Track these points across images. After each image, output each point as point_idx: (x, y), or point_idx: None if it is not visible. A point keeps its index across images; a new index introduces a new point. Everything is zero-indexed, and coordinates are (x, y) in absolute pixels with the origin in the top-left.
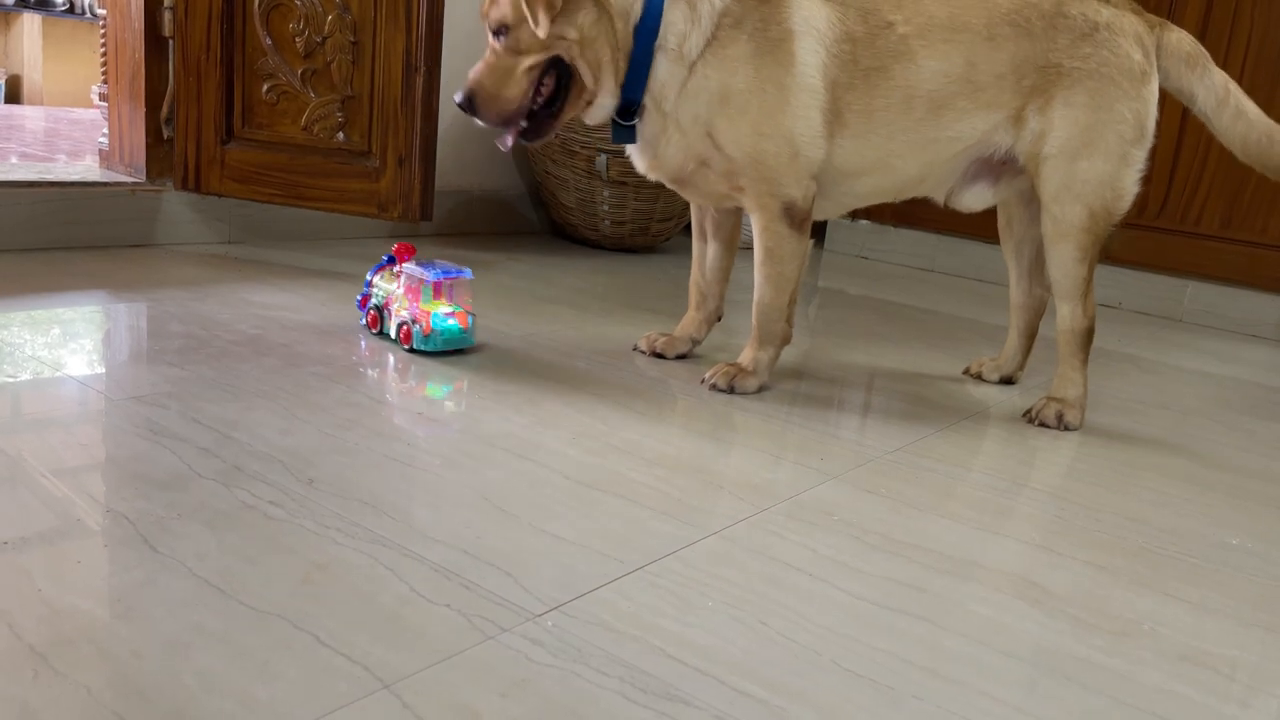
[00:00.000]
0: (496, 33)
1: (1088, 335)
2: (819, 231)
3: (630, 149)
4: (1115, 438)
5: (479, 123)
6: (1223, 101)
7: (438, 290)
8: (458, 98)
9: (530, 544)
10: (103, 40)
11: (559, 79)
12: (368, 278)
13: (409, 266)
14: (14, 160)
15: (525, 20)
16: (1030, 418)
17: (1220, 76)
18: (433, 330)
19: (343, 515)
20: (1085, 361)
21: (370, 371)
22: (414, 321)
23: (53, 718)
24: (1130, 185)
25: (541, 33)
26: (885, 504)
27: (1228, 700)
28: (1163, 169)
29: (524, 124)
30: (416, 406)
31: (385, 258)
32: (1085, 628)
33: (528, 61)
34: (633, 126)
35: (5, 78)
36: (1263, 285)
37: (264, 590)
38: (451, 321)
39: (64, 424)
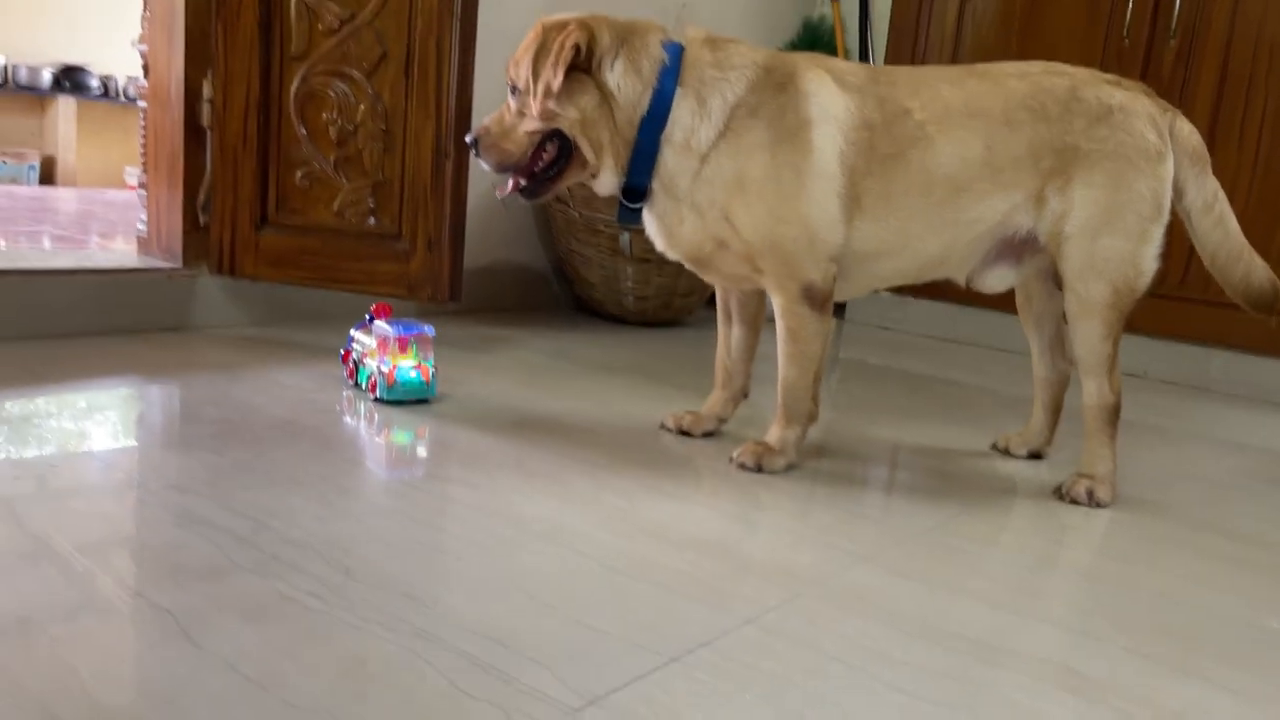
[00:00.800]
0: (511, 88)
1: (1115, 411)
2: (840, 304)
3: (649, 227)
4: (1146, 513)
5: (484, 166)
6: (1209, 207)
7: (402, 345)
8: (468, 137)
9: (565, 634)
10: (143, 130)
11: (561, 147)
12: (350, 333)
13: (378, 324)
14: (46, 243)
15: (531, 87)
16: (1061, 494)
17: (1213, 183)
18: (395, 382)
19: (380, 606)
20: (1114, 437)
21: (402, 455)
22: (380, 374)
23: None
24: (1150, 261)
25: (535, 111)
26: (919, 587)
27: None
28: (1183, 239)
29: (524, 182)
30: (448, 491)
31: (367, 316)
32: (1127, 718)
33: (530, 126)
34: (638, 210)
35: (40, 159)
36: None
37: (304, 686)
38: (413, 374)
39: (104, 513)
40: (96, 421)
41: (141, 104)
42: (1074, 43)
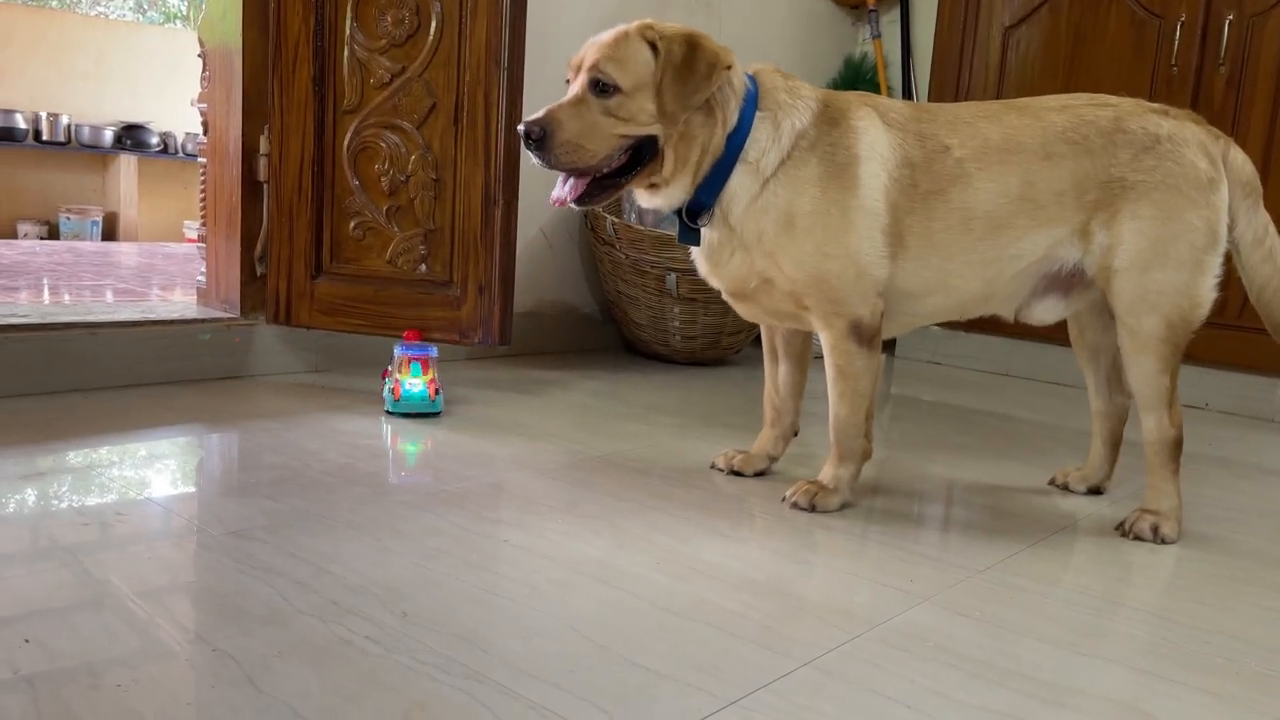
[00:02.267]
0: (599, 87)
1: (1177, 445)
2: (889, 340)
3: (694, 254)
4: (1215, 549)
5: (533, 160)
6: (1259, 240)
7: (407, 364)
8: (522, 127)
9: (620, 676)
10: (202, 185)
11: (637, 153)
12: (393, 353)
13: (397, 347)
14: (109, 296)
15: (641, 92)
16: (1124, 531)
17: (1265, 216)
18: (401, 396)
19: (437, 650)
20: (1176, 471)
21: (455, 499)
22: (390, 390)
23: None
24: (1207, 292)
25: (667, 124)
26: (979, 627)
27: None
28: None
29: (584, 186)
30: (502, 534)
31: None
32: None
33: (624, 129)
34: (698, 230)
35: (102, 215)
36: None
37: None
38: (418, 389)
39: (166, 559)
40: (158, 469)
41: (201, 160)
42: (1121, 73)
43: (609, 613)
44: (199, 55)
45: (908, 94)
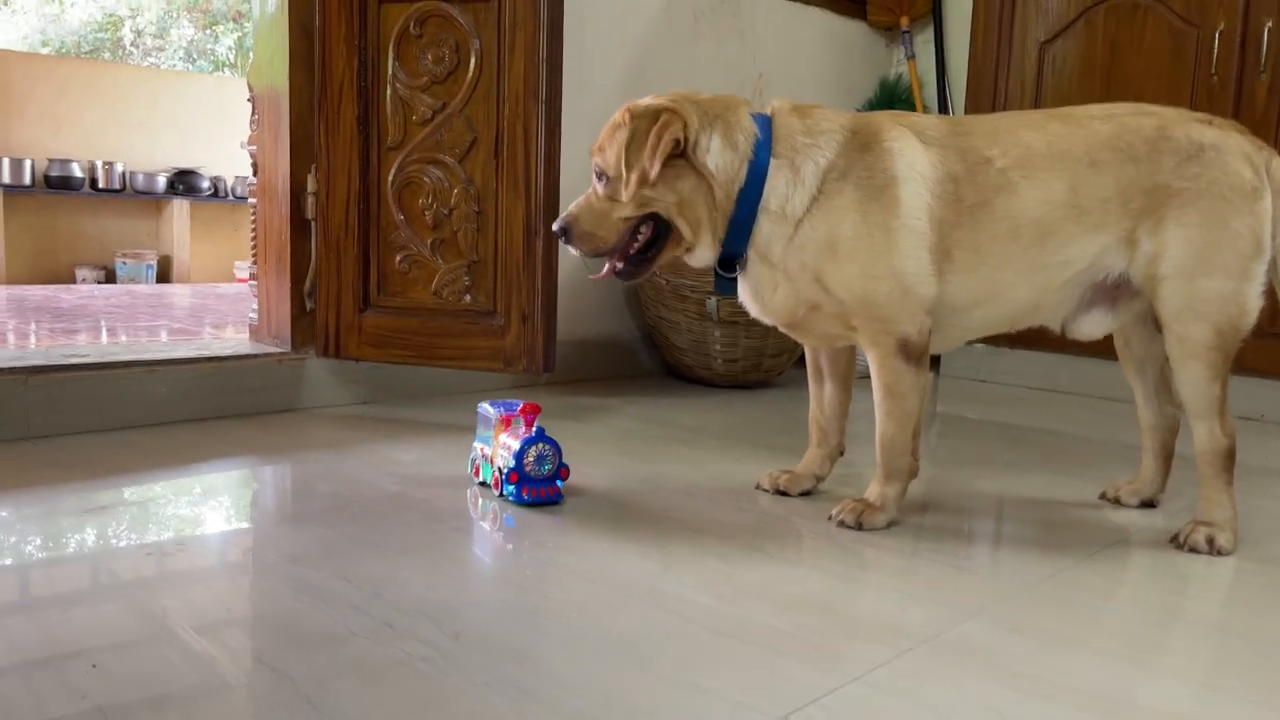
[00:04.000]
0: (598, 176)
1: (1229, 455)
2: (935, 358)
3: (742, 295)
4: (1275, 562)
5: (573, 252)
6: None
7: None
8: (555, 226)
9: (671, 695)
10: (253, 224)
11: (656, 227)
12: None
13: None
14: (164, 336)
15: (622, 176)
16: (1179, 543)
17: None
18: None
19: (489, 668)
20: (1230, 482)
21: (504, 525)
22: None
23: None
24: (1254, 300)
25: (626, 198)
26: (1032, 642)
27: None
28: None
29: (620, 265)
30: (549, 556)
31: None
32: None
33: (624, 213)
34: (734, 279)
35: (157, 259)
36: None
37: None
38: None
39: (225, 587)
40: (215, 501)
41: (251, 200)
42: (1160, 83)
43: (657, 633)
44: (248, 100)
45: (944, 113)
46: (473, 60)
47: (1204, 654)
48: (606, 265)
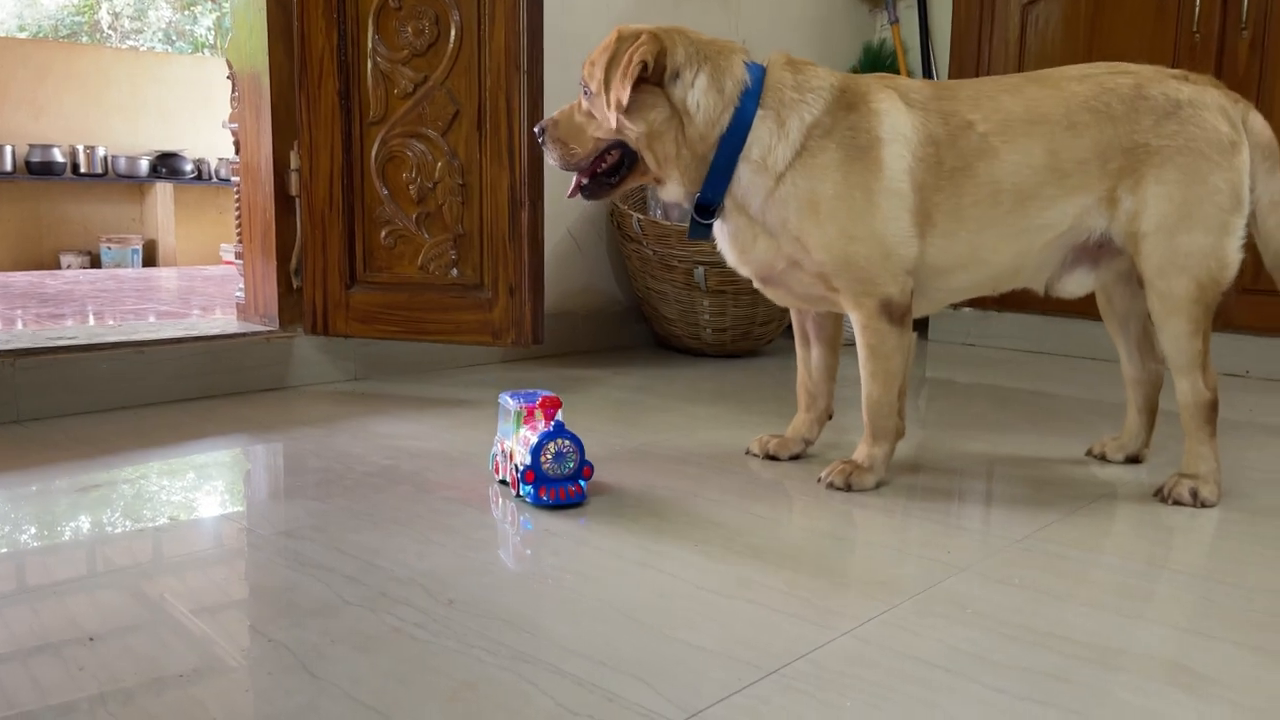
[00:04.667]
0: (584, 89)
1: (1212, 408)
2: (922, 323)
3: (720, 243)
4: (1258, 512)
5: (549, 160)
6: (1276, 204)
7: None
8: (536, 127)
9: (665, 652)
10: (237, 203)
11: (624, 155)
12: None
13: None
14: (152, 318)
15: (601, 94)
16: (1163, 496)
17: None
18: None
19: (483, 633)
20: (1213, 434)
21: (496, 494)
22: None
23: None
24: (1234, 254)
25: (612, 123)
26: (1019, 594)
27: None
28: None
29: (585, 181)
30: (543, 524)
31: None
32: (1246, 712)
33: (597, 132)
34: (709, 225)
35: (142, 243)
36: None
37: (417, 710)
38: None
39: (222, 560)
40: (208, 479)
41: (235, 179)
42: (1143, 41)
43: (651, 594)
44: (228, 77)
45: (928, 77)
46: (453, 32)
47: (1188, 602)
48: (573, 182)
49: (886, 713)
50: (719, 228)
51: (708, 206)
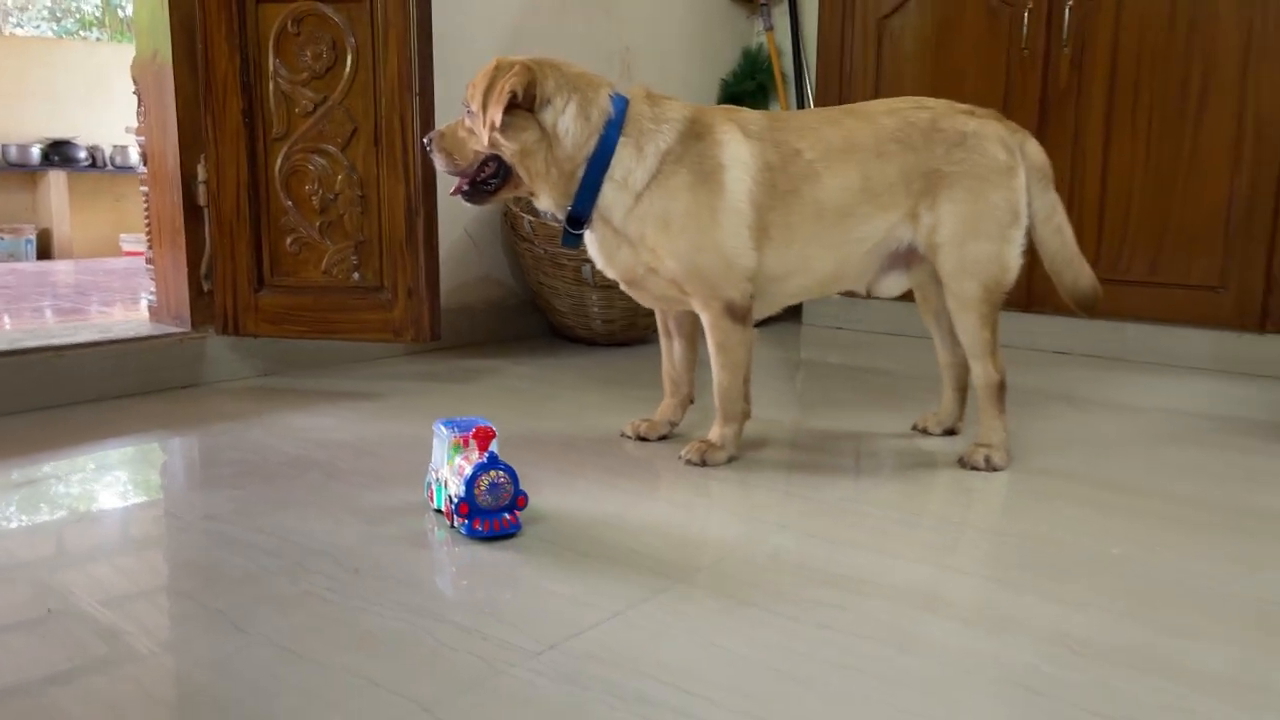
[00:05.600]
0: (466, 109)
1: (1000, 388)
2: (795, 309)
3: (590, 249)
4: (1038, 472)
5: (436, 164)
6: (1049, 217)
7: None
8: (426, 137)
9: (531, 601)
10: (146, 210)
11: (499, 168)
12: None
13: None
14: (48, 315)
15: (480, 114)
16: (963, 463)
17: (1054, 196)
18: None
19: (384, 594)
20: (1003, 410)
21: (399, 478)
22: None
23: None
24: (1014, 260)
25: (485, 140)
26: (824, 544)
27: (1073, 669)
28: (1091, 227)
29: (466, 187)
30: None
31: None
32: (970, 625)
33: (476, 146)
34: (579, 236)
35: (35, 233)
36: (1191, 322)
37: (329, 652)
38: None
39: (152, 542)
40: (132, 470)
41: (143, 188)
42: (981, 57)
43: (524, 554)
44: (134, 93)
45: (800, 81)
46: (349, 57)
47: (958, 547)
48: (455, 184)
49: (713, 630)
50: (589, 236)
51: (578, 219)
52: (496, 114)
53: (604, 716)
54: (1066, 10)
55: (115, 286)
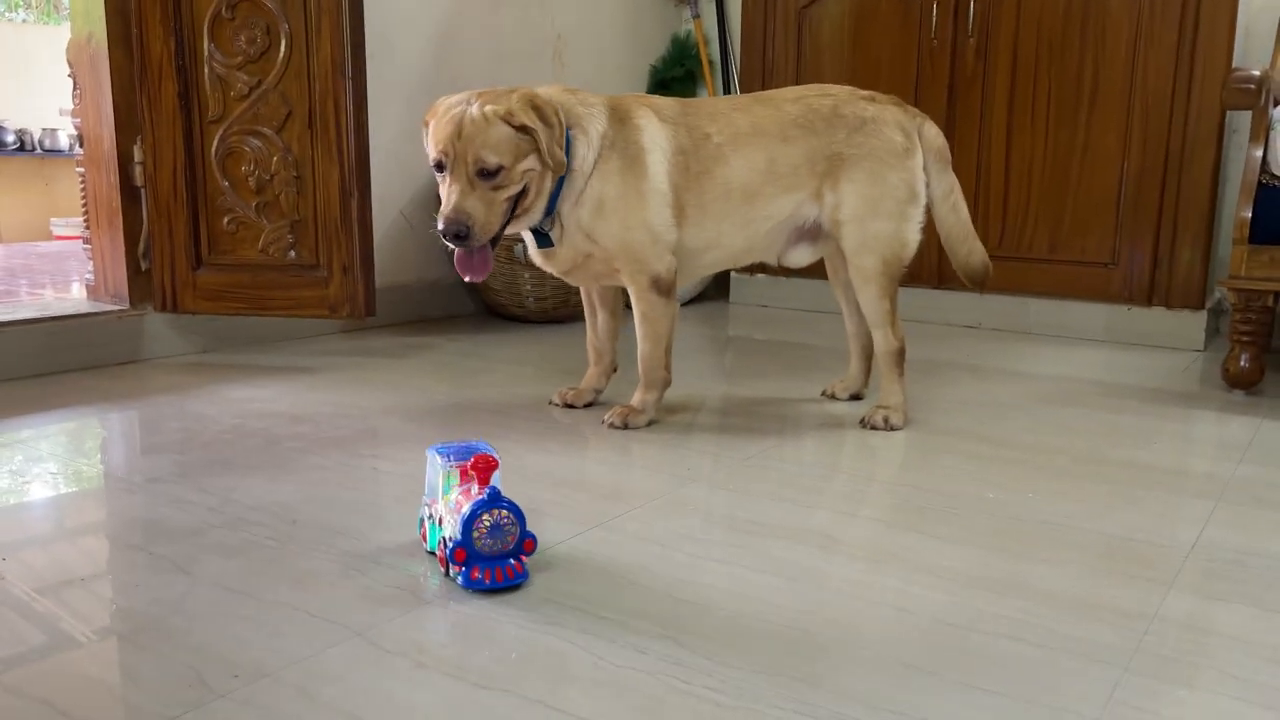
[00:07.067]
0: (483, 174)
1: (899, 354)
2: (724, 285)
3: (530, 247)
4: (934, 431)
5: (450, 245)
6: (946, 196)
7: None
8: (448, 231)
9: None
10: (82, 191)
11: (511, 206)
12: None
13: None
14: None
15: (520, 160)
16: (864, 424)
17: (952, 177)
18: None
19: (319, 541)
20: (902, 374)
21: (335, 442)
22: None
23: (149, 672)
24: (912, 236)
25: (558, 169)
26: (729, 495)
27: (940, 591)
28: (997, 208)
29: (485, 241)
30: (373, 464)
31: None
32: (855, 560)
33: (509, 191)
34: (548, 234)
35: None
36: (1087, 296)
37: (269, 590)
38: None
39: (101, 503)
40: (78, 439)
41: (79, 169)
42: (893, 45)
43: None
44: (69, 75)
45: (726, 67)
46: (283, 42)
47: (878, 501)
48: (477, 259)
49: (621, 569)
50: (528, 236)
51: (548, 216)
52: (563, 129)
53: (516, 635)
54: (972, 2)
55: (46, 269)
